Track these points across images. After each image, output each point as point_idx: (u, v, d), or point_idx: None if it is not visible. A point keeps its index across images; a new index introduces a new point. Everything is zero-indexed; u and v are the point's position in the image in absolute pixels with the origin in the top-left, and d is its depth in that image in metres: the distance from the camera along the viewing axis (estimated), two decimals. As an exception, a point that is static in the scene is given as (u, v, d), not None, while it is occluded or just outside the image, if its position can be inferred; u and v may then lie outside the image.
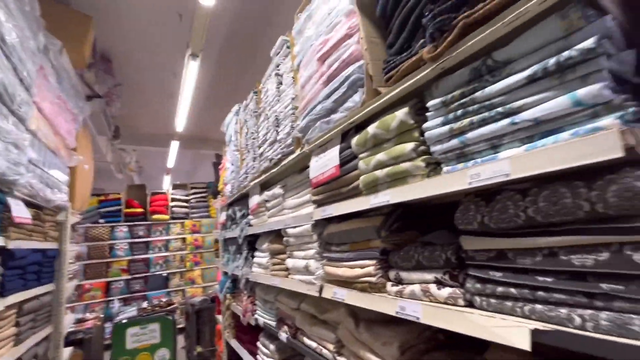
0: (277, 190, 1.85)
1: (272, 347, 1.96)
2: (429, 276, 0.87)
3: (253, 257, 2.29)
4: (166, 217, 6.51)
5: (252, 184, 2.22)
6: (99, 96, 3.79)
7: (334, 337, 1.34)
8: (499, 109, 0.67)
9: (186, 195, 6.94)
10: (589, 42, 0.53)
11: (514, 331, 0.63)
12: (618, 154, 0.48)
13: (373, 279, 1.06)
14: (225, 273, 3.11)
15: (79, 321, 4.30)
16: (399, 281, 0.99)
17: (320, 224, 1.41)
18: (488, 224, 0.70)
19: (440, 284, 0.85)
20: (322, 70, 1.31)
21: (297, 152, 1.56)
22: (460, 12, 0.73)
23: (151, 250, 6.37)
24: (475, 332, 0.70)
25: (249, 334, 2.44)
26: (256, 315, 2.20)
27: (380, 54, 1.09)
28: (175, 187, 7.06)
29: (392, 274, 1.02)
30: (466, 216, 0.75)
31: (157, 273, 6.30)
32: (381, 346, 1.07)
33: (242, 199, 2.63)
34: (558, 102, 0.57)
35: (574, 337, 0.55)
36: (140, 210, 6.33)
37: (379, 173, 0.99)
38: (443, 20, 0.75)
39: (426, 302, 0.87)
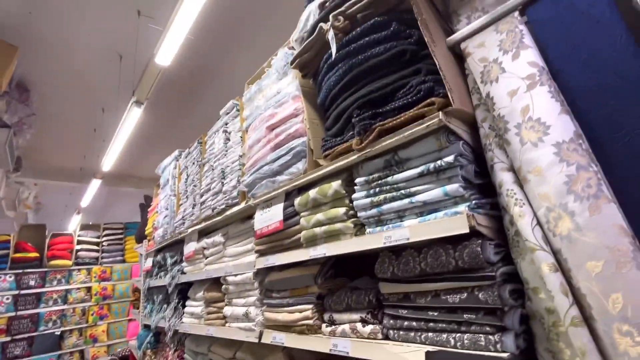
0: (217, 238, 1.93)
1: (201, 403, 1.89)
2: (356, 316, 1.09)
3: (184, 306, 2.23)
4: (69, 262, 5.65)
5: (189, 230, 2.24)
6: (6, 125, 3.40)
7: (271, 383, 1.43)
8: (402, 191, 0.97)
9: (97, 237, 6.18)
10: (450, 158, 0.86)
11: (415, 355, 0.87)
12: (466, 230, 0.78)
13: (310, 322, 1.23)
14: (146, 326, 2.87)
15: None
16: (332, 322, 1.18)
17: (262, 272, 1.54)
18: (397, 273, 0.96)
19: (364, 322, 1.06)
20: (270, 137, 1.54)
21: (243, 204, 1.71)
22: (377, 120, 1.04)
23: (43, 303, 5.36)
24: (390, 359, 0.92)
25: (172, 393, 2.27)
26: (184, 371, 2.10)
27: (320, 132, 1.38)
28: (83, 227, 6.26)
29: (326, 316, 1.21)
30: (382, 267, 1.00)
31: (48, 332, 5.27)
32: (316, 384, 1.21)
33: (175, 245, 2.57)
34: (436, 192, 0.89)
35: (451, 354, 0.81)
36: (34, 255, 5.40)
37: (318, 230, 1.21)
38: (365, 124, 1.05)
39: (354, 338, 1.07)
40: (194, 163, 2.33)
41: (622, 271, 0.59)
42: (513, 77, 0.84)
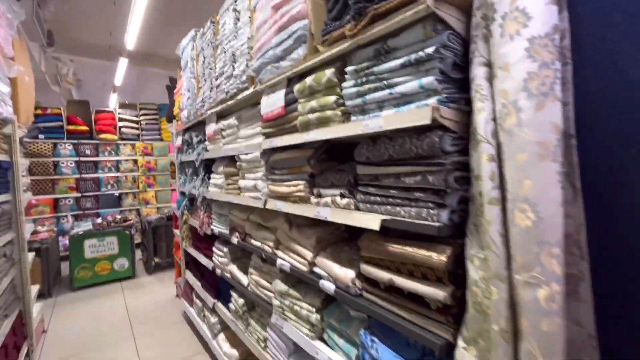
0: (232, 120, 2.10)
1: (225, 249, 2.41)
2: (336, 191, 1.28)
3: (209, 178, 2.60)
4: (114, 137, 6.32)
5: (209, 112, 2.41)
6: (28, -5, 3.38)
7: (273, 237, 1.79)
8: (385, 82, 1.00)
9: (135, 116, 6.68)
10: (430, 49, 0.86)
11: (374, 221, 1.06)
12: (427, 121, 0.85)
13: (302, 194, 1.46)
14: (182, 193, 3.40)
15: (32, 233, 4.42)
16: (319, 195, 1.40)
17: (267, 153, 1.74)
18: (370, 158, 1.09)
19: (342, 196, 1.26)
20: (275, 18, 1.50)
21: (251, 89, 1.79)
22: (372, 3, 1.00)
23: (100, 170, 6.29)
24: (355, 223, 1.13)
25: (204, 242, 2.87)
26: (212, 227, 2.60)
27: (323, 14, 1.32)
28: (122, 106, 6.71)
29: (315, 190, 1.42)
30: (360, 152, 1.13)
31: (109, 192, 6.34)
32: (305, 239, 1.52)
33: (198, 125, 2.81)
34: (413, 84, 0.92)
35: (398, 222, 0.99)
36: (84, 128, 6.04)
37: (311, 116, 1.31)
38: (360, 7, 1.01)
39: (333, 207, 1.29)
40: (208, 45, 2.33)
41: (540, 163, 0.67)
42: (515, -45, 0.75)
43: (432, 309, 0.94)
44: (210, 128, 2.41)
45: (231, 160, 2.20)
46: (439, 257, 0.90)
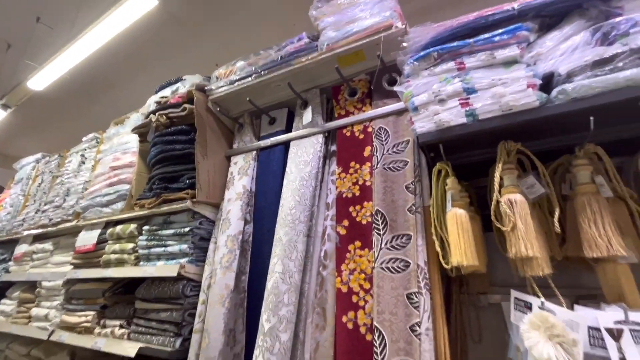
0: (47, 245, 2.18)
1: (-18, 397, 2.01)
2: (117, 322, 1.54)
3: (-2, 304, 2.32)
4: None
5: (25, 232, 2.40)
6: None
7: (49, 374, 1.73)
8: (163, 242, 1.50)
9: None
10: (187, 229, 1.43)
11: (133, 349, 1.35)
12: (174, 274, 1.34)
13: (89, 325, 1.63)
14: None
15: None
16: (104, 326, 1.61)
17: (71, 282, 1.88)
18: (145, 295, 1.46)
19: (121, 327, 1.52)
20: (109, 175, 1.96)
21: (74, 222, 2.04)
22: (165, 191, 1.58)
23: None
24: (121, 352, 1.38)
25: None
26: (-24, 367, 2.17)
27: (143, 184, 1.85)
28: None
29: (102, 321, 1.63)
30: (140, 290, 1.50)
31: None
32: (80, 373, 1.59)
33: (6, 243, 2.64)
34: (176, 247, 1.44)
35: (150, 349, 1.32)
36: None
37: (112, 256, 1.66)
38: (158, 192, 1.58)
39: (110, 337, 1.51)
40: (50, 172, 2.54)
41: (216, 305, 1.19)
42: (232, 190, 1.47)
43: None
44: (22, 248, 2.35)
45: (31, 286, 2.15)
46: (167, 377, 1.24)
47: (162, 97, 1.81)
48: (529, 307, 0.80)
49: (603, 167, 0.85)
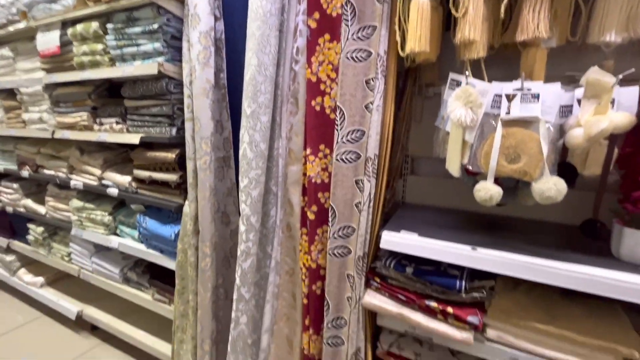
0: (5, 51, 2.06)
1: (15, 185, 2.41)
2: (113, 120, 1.72)
3: (-17, 113, 2.40)
4: None
5: (-29, 38, 2.19)
6: None
7: (67, 164, 2.05)
8: (134, 41, 1.48)
9: None
10: (156, 25, 1.40)
11: (136, 138, 1.59)
12: (155, 72, 1.41)
13: (86, 123, 1.81)
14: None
15: None
16: (100, 123, 1.80)
17: (51, 87, 1.92)
18: (131, 94, 1.58)
19: (117, 123, 1.72)
20: (42, -39, 1.66)
21: (24, 22, 1.87)
22: (119, -19, 1.42)
23: None
24: (125, 140, 1.62)
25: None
26: (-6, 165, 2.48)
27: (89, -27, 1.61)
28: None
29: (97, 120, 1.80)
30: (125, 90, 1.60)
31: None
32: (94, 161, 1.90)
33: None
34: (149, 47, 1.45)
35: (151, 137, 1.56)
36: None
37: (84, 58, 1.65)
38: (109, -18, 1.42)
39: (110, 132, 1.73)
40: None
41: (202, 97, 1.36)
42: (195, -20, 1.35)
43: (172, 187, 1.60)
44: (-23, 56, 2.21)
45: (10, 93, 2.18)
46: (171, 155, 1.54)
47: None
48: (458, 84, 1.00)
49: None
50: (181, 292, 1.58)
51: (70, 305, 2.26)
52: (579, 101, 0.87)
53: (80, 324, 2.28)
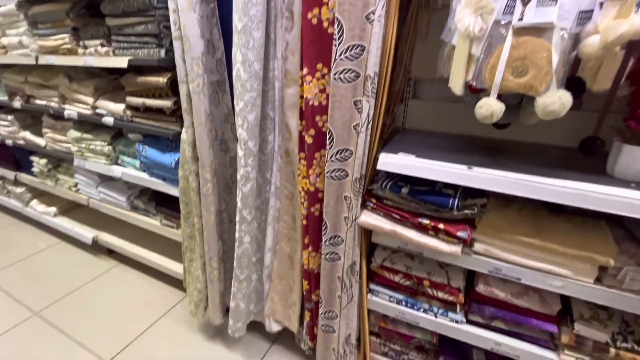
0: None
1: (10, 117, 2.37)
2: (97, 42, 1.61)
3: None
4: None
5: None
6: None
7: (57, 93, 1.99)
8: None
9: None
10: None
11: (124, 62, 1.50)
12: (134, -18, 1.27)
13: (69, 46, 1.70)
14: None
15: None
16: (85, 47, 1.69)
17: (25, 6, 1.76)
18: (112, 11, 1.45)
19: (102, 45, 1.61)
20: None
21: None
22: None
23: None
24: (111, 64, 1.54)
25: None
26: (-16, 96, 2.41)
27: None
28: None
29: (81, 42, 1.69)
30: (104, 6, 1.46)
31: None
32: (85, 89, 1.83)
33: None
34: None
35: (138, 60, 1.47)
36: None
37: (55, -32, 1.48)
38: None
39: (96, 55, 1.63)
40: None
41: (189, 11, 1.25)
42: None
43: (167, 114, 1.57)
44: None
45: (-18, 14, 2.01)
46: (162, 80, 1.47)
47: None
48: (470, -12, 0.89)
49: None
50: (186, 216, 1.65)
51: (85, 232, 2.40)
52: (601, 5, 0.79)
53: (97, 248, 2.45)
